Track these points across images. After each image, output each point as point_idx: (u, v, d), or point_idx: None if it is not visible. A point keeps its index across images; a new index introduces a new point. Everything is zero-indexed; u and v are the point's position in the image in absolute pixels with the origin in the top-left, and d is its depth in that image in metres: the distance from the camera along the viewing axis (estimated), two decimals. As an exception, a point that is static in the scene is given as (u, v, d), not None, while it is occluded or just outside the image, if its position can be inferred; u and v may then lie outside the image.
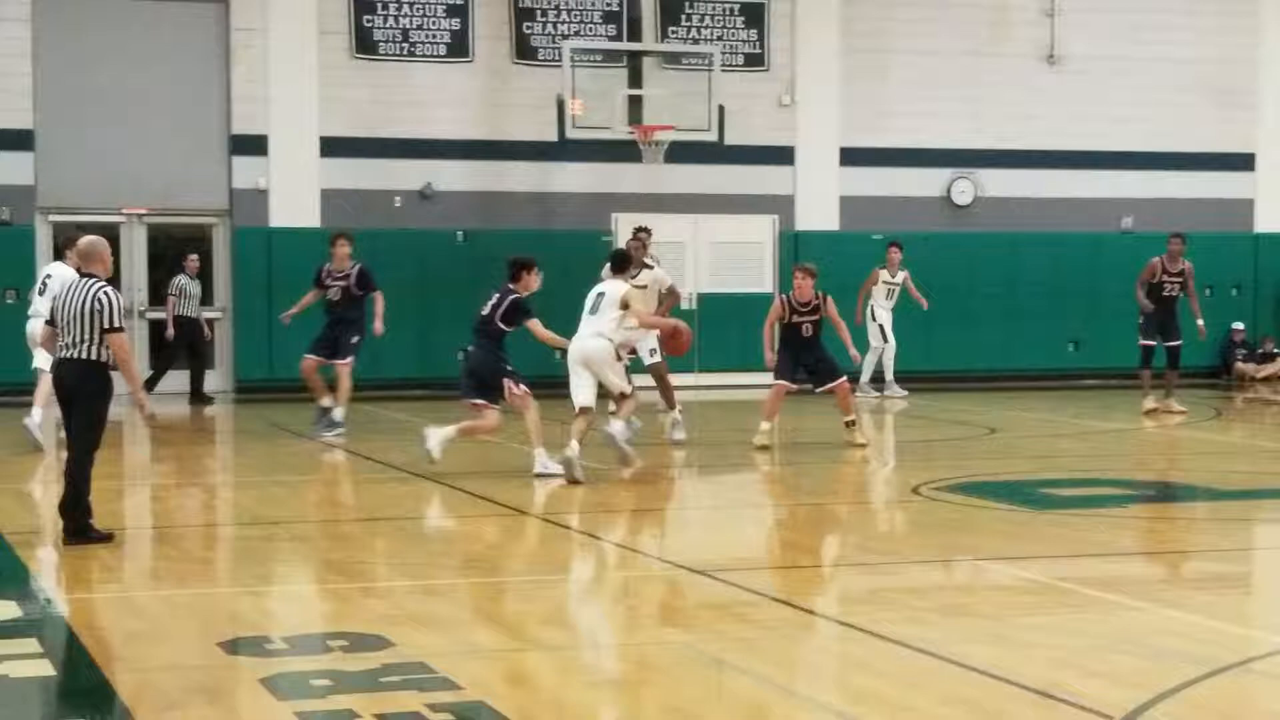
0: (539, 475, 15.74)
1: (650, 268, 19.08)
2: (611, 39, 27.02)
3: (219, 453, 20.13)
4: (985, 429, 21.03)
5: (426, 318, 26.47)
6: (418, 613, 9.56)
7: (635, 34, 26.71)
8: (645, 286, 18.46)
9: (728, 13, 27.84)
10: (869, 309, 25.67)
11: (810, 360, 18.61)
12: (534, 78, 26.82)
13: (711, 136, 25.37)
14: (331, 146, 26.34)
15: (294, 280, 22.20)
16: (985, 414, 22.83)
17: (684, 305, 23.73)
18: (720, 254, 27.65)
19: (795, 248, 27.83)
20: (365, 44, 26.59)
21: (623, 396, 16.76)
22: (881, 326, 25.74)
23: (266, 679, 7.97)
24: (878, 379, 25.89)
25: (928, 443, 20.27)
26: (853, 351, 18.70)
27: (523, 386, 16.38)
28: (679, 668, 8.36)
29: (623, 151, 25.67)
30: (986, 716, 7.36)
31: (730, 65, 27.11)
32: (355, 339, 20.18)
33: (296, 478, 17.01)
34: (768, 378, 27.39)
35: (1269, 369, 29.25)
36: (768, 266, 27.92)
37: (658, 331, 18.00)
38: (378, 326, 20.23)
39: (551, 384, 19.14)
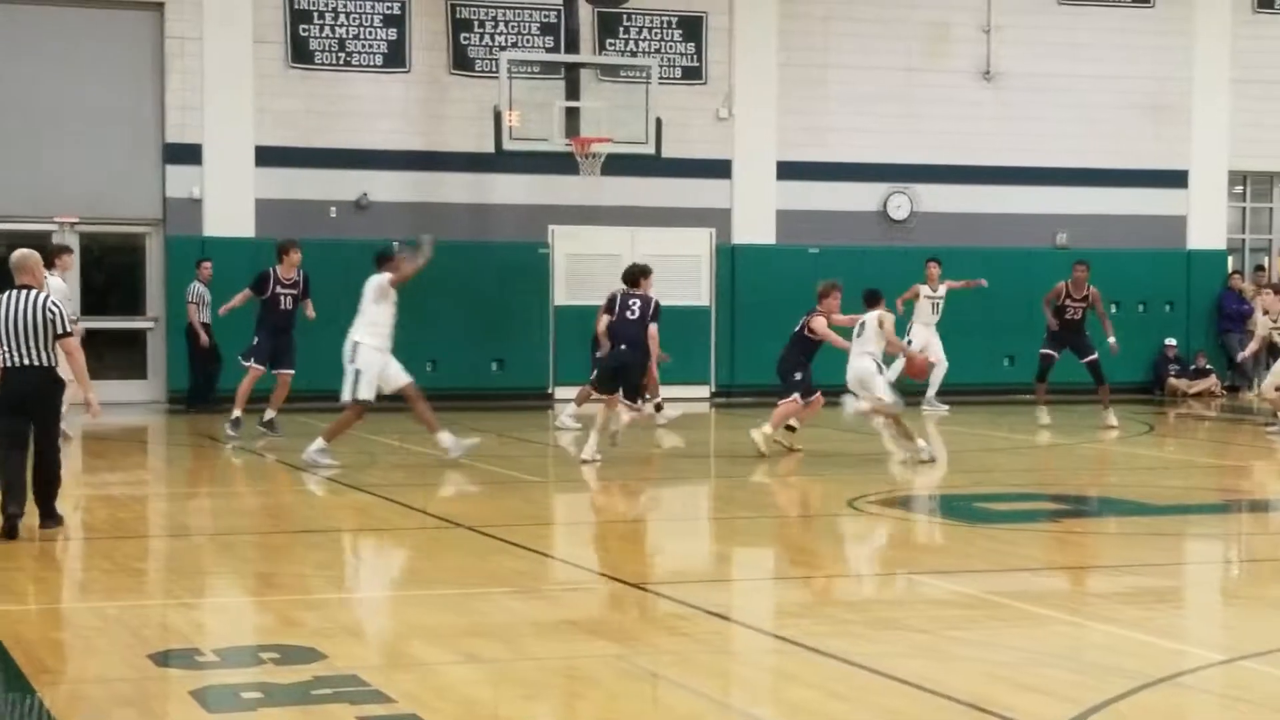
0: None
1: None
2: (549, 51, 27.01)
3: (151, 463, 20.00)
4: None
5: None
6: (350, 625, 9.52)
7: (573, 46, 26.68)
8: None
9: (665, 25, 27.87)
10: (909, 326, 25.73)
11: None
12: (471, 89, 26.78)
13: (649, 149, 25.36)
14: (266, 156, 26.23)
15: (228, 290, 22.11)
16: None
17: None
18: (657, 267, 27.45)
19: (732, 261, 27.87)
20: (301, 54, 26.49)
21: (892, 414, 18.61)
22: (926, 345, 25.78)
23: (196, 691, 7.91)
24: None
25: (863, 456, 20.31)
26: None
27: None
28: (613, 681, 8.34)
29: (560, 163, 25.64)
30: (919, 730, 7.38)
31: (668, 78, 27.12)
32: (294, 348, 20.63)
33: (229, 489, 16.92)
34: (702, 390, 27.51)
35: (1201, 385, 29.42)
36: (704, 279, 27.95)
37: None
38: (310, 313, 20.77)
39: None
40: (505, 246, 26.84)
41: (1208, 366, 29.76)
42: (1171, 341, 29.57)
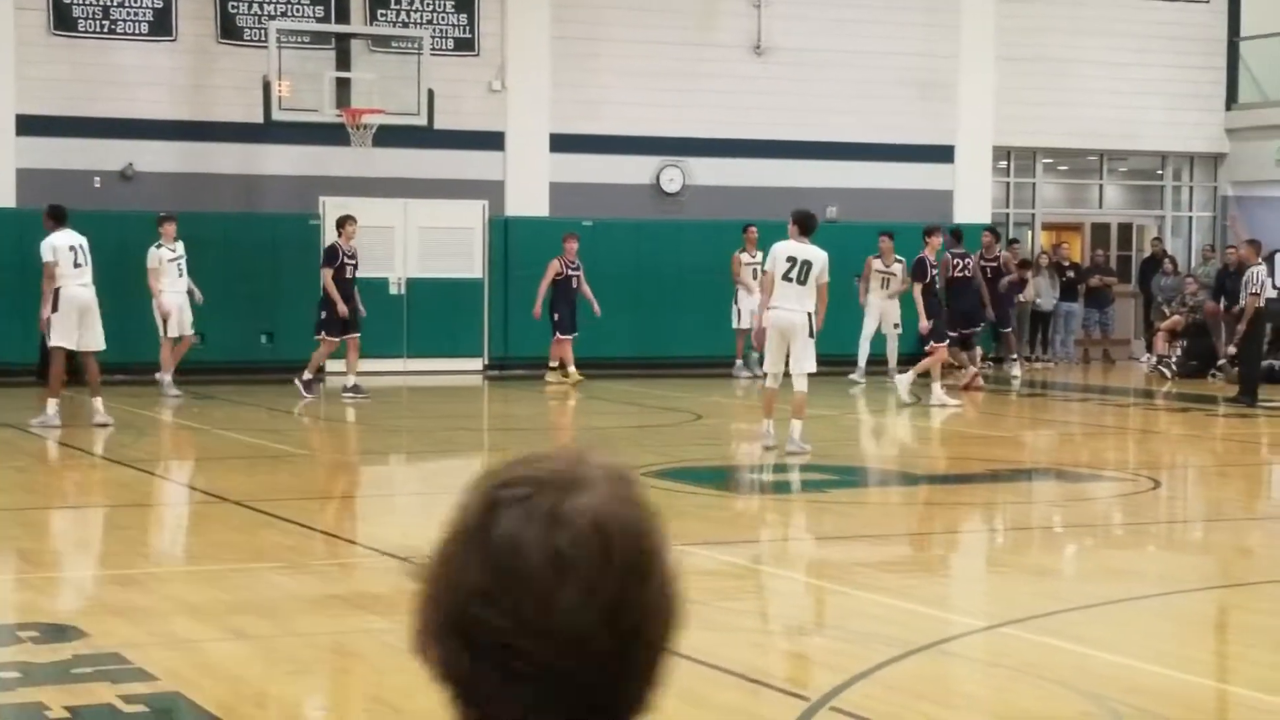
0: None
1: None
2: (319, 21, 26.66)
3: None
4: (692, 415, 21.22)
5: (126, 302, 25.86)
6: (113, 603, 9.34)
7: (343, 16, 26.39)
8: None
9: (438, -3, 27.66)
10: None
11: None
12: (239, 58, 26.36)
13: (421, 121, 25.19)
14: (29, 125, 25.61)
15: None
16: (693, 400, 23.04)
17: (393, 290, 23.64)
18: (429, 239, 27.46)
19: (505, 233, 27.80)
20: (64, 20, 25.88)
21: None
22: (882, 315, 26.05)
23: (-48, 672, 7.72)
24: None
25: (636, 429, 20.39)
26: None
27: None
28: (381, 655, 8.27)
29: (331, 134, 25.36)
30: (690, 701, 7.40)
31: (440, 49, 26.93)
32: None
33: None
34: (475, 363, 27.42)
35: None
36: (477, 251, 27.83)
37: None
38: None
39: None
40: (275, 218, 26.51)
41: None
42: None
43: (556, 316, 24.83)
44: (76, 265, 18.72)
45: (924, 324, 22.48)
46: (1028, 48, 30.83)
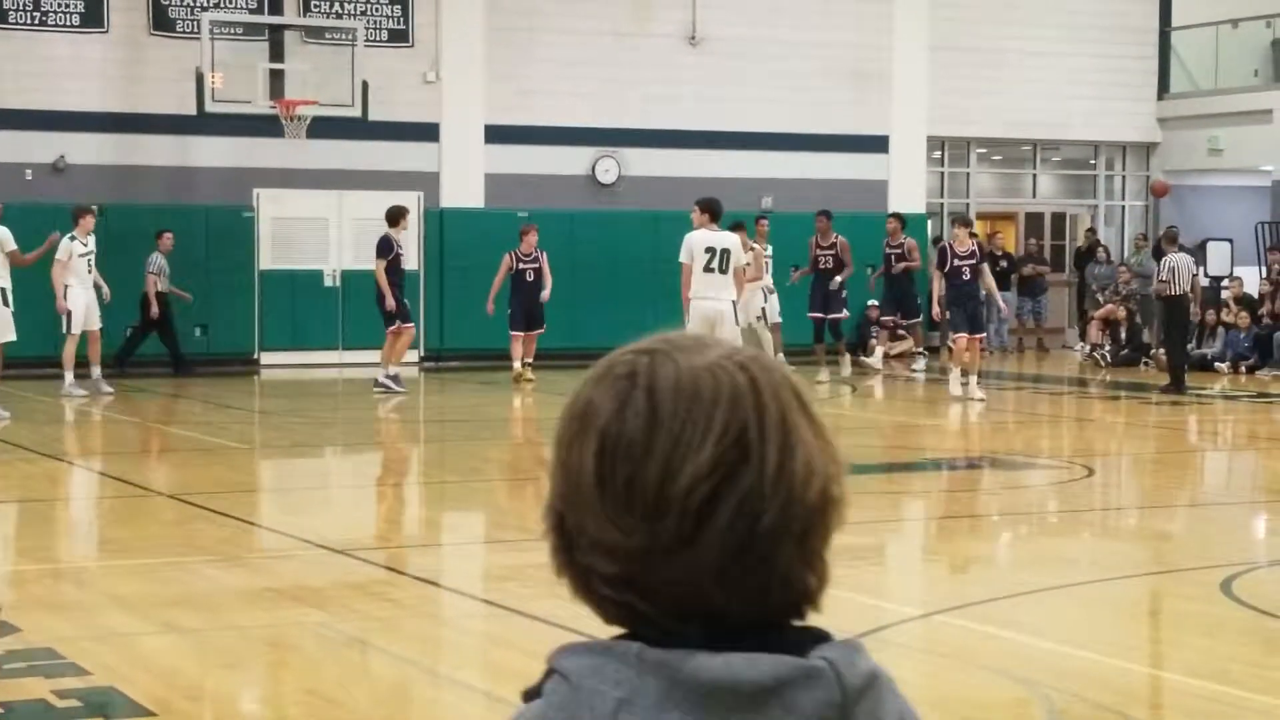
0: None
1: None
2: (252, 12, 26.54)
3: None
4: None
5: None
6: (45, 597, 9.28)
7: (277, 7, 26.26)
8: None
9: (371, -13, 27.56)
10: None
11: None
12: (172, 49, 26.21)
13: (355, 112, 25.12)
14: (-41, 117, 25.43)
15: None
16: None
17: (327, 283, 23.55)
18: (364, 230, 27.26)
19: (440, 225, 27.74)
20: (-6, 11, 25.70)
21: None
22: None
23: (-119, 669, 7.65)
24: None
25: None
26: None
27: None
28: (317, 648, 8.25)
29: (264, 126, 25.26)
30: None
31: (374, 40, 26.85)
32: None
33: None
34: (410, 355, 27.28)
35: (901, 346, 30.00)
36: (412, 243, 27.75)
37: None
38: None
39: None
40: (208, 209, 26.37)
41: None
42: (874, 303, 30.08)
43: (510, 312, 24.08)
44: None
45: (936, 311, 22.27)
46: (961, 38, 30.94)
